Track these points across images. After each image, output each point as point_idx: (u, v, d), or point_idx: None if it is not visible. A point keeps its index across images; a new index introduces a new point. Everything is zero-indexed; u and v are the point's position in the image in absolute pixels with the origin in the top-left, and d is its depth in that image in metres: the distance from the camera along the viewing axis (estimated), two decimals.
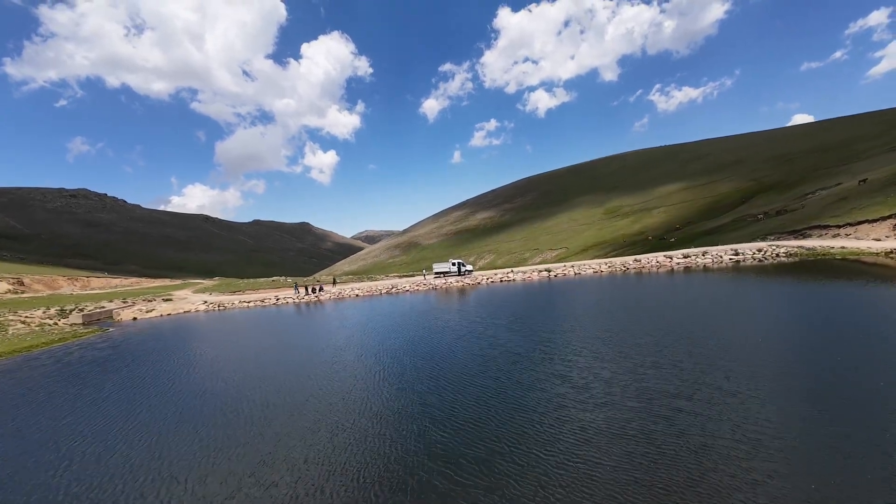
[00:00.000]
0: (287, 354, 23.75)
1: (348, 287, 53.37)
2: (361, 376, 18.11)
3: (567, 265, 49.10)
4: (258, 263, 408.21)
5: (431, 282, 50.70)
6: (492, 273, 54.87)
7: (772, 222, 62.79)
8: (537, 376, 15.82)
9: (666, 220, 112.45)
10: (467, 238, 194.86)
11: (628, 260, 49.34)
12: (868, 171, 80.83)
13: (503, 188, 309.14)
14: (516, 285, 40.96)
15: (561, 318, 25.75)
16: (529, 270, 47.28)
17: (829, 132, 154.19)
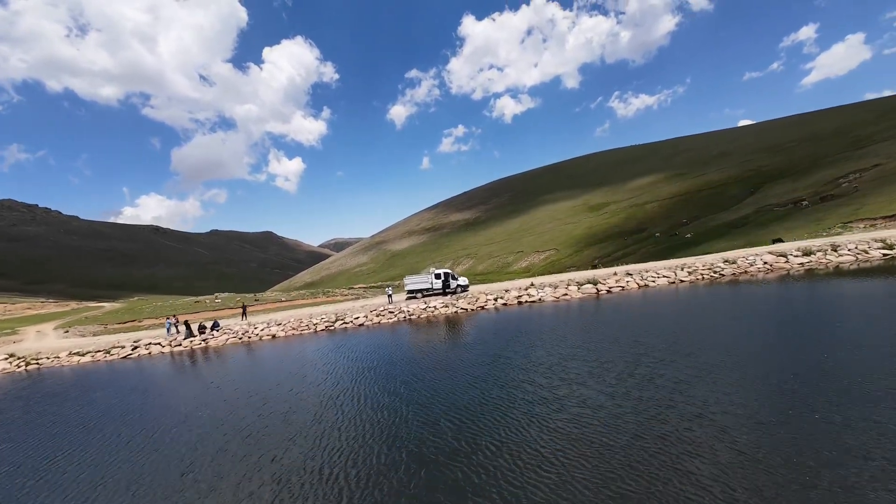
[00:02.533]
0: None
1: (264, 322, 32.47)
2: None
3: (621, 275, 32.49)
4: (213, 277, 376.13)
5: (403, 307, 31.64)
6: (497, 289, 33.94)
7: (829, 209, 50.40)
8: None
9: (662, 213, 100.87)
10: (442, 242, 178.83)
11: (714, 260, 33.17)
12: (881, 156, 71.47)
13: (476, 190, 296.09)
14: (552, 311, 25.00)
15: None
16: (560, 283, 30.56)
17: (813, 124, 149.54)
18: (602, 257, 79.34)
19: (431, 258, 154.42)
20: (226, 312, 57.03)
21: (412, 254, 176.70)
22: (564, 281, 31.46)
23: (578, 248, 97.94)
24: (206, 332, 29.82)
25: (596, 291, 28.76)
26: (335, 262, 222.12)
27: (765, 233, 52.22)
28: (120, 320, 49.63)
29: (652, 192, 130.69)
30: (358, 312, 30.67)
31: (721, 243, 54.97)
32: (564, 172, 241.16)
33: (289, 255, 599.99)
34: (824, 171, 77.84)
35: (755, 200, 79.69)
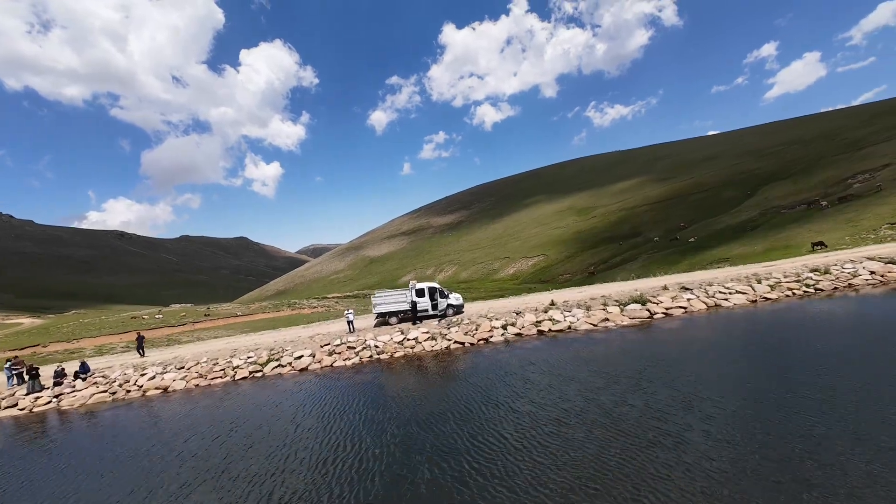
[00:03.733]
0: None
1: (162, 363, 22.46)
2: None
3: (673, 289, 23.89)
4: (180, 285, 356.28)
5: (370, 338, 21.97)
6: (503, 309, 24.51)
7: (858, 209, 45.18)
8: None
9: (655, 217, 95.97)
10: (423, 247, 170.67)
11: (796, 269, 25.55)
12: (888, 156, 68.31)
13: (458, 194, 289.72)
14: (596, 349, 16.63)
15: None
16: (592, 302, 21.23)
17: (793, 129, 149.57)
18: (598, 263, 73.07)
19: (412, 264, 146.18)
20: (162, 333, 47.43)
21: (392, 260, 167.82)
22: (596, 298, 23.41)
23: (570, 253, 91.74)
24: (63, 383, 20.06)
25: (648, 315, 20.32)
26: (310, 270, 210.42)
27: (785, 235, 46.63)
28: (17, 346, 39.47)
29: (640, 196, 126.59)
30: (303, 348, 21.40)
31: (736, 247, 49.16)
32: (547, 178, 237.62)
33: (264, 262, 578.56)
34: (826, 173, 74.14)
35: (756, 203, 75.22)
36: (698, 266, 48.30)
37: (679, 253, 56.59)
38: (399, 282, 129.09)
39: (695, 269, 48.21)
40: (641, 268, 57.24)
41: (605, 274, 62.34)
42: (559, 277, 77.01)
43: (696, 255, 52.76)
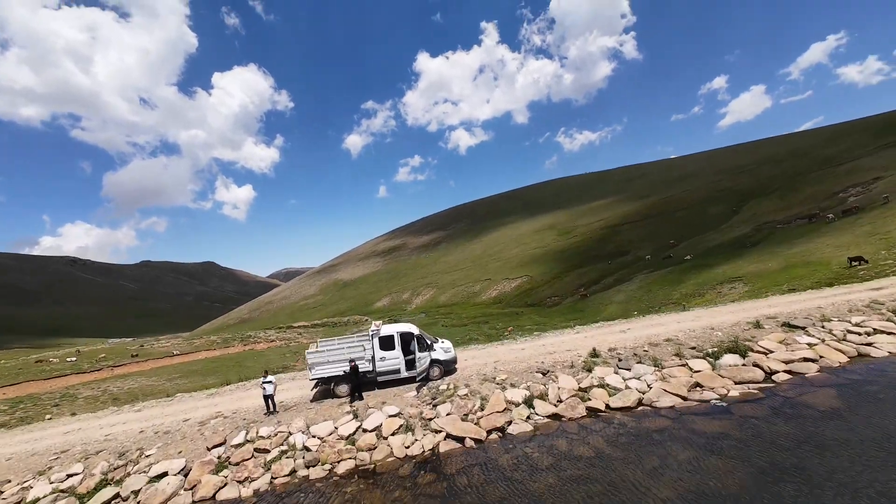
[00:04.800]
0: None
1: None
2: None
3: (775, 330, 16.78)
4: (138, 314, 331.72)
5: (297, 431, 13.28)
6: (516, 365, 16.98)
7: (876, 220, 41.44)
8: None
9: (640, 235, 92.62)
10: (399, 270, 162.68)
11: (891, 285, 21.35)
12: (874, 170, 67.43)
13: (434, 216, 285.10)
14: (707, 454, 9.52)
15: None
16: (661, 352, 16.16)
17: (761, 149, 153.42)
18: (589, 284, 67.64)
19: (387, 288, 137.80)
20: (70, 381, 37.74)
21: (365, 283, 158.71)
22: (659, 345, 16.59)
23: (555, 273, 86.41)
24: None
25: (763, 374, 13.14)
26: (278, 295, 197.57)
27: (800, 251, 42.31)
28: None
29: (619, 214, 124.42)
30: (175, 452, 12.79)
31: (745, 264, 44.50)
32: (524, 198, 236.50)
33: (232, 288, 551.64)
34: (812, 188, 72.56)
35: (745, 219, 72.51)
36: (707, 286, 43.23)
37: (680, 272, 51.68)
38: (373, 307, 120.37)
39: (704, 290, 43.07)
40: (640, 289, 51.94)
41: (600, 296, 56.74)
42: (547, 300, 71.03)
43: (700, 273, 47.85)
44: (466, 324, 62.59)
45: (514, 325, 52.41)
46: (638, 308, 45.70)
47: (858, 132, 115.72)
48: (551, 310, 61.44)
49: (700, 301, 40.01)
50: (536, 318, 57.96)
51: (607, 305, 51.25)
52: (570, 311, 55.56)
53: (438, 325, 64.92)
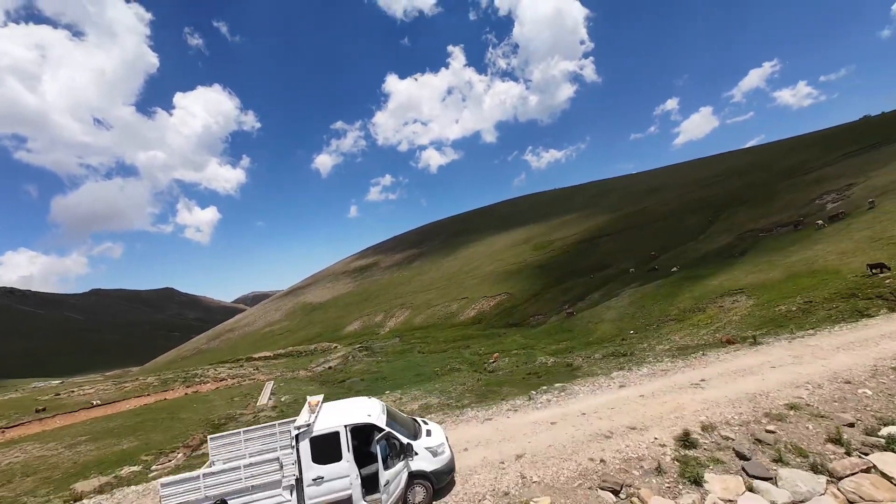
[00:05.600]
0: None
1: None
2: None
3: None
4: (85, 348, 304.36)
5: None
6: (545, 449, 11.49)
7: (873, 225, 39.60)
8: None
9: (619, 247, 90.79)
10: (371, 291, 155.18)
11: None
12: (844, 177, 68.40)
13: (407, 234, 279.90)
14: None
15: None
16: (787, 429, 10.70)
17: (723, 162, 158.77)
18: (574, 301, 63.86)
19: (359, 310, 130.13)
20: None
21: (335, 306, 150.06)
22: (796, 420, 11.13)
23: (535, 290, 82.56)
24: None
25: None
26: (241, 322, 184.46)
27: (799, 259, 39.89)
28: None
29: (594, 227, 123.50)
30: None
31: (741, 275, 41.68)
32: (497, 214, 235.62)
33: (193, 315, 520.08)
34: (787, 196, 72.75)
35: (724, 228, 71.54)
36: (706, 300, 39.89)
37: (671, 285, 48.52)
38: (343, 332, 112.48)
39: (704, 305, 39.65)
40: (631, 304, 48.29)
41: (588, 313, 52.76)
42: (530, 319, 66.63)
43: (694, 286, 44.74)
44: (445, 349, 57.00)
45: (499, 350, 47.34)
46: (633, 326, 41.81)
47: (807, 146, 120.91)
48: (536, 330, 56.93)
49: (703, 317, 36.48)
50: (521, 339, 53.21)
51: (598, 324, 47.18)
52: (557, 332, 51.14)
53: (414, 352, 58.99)
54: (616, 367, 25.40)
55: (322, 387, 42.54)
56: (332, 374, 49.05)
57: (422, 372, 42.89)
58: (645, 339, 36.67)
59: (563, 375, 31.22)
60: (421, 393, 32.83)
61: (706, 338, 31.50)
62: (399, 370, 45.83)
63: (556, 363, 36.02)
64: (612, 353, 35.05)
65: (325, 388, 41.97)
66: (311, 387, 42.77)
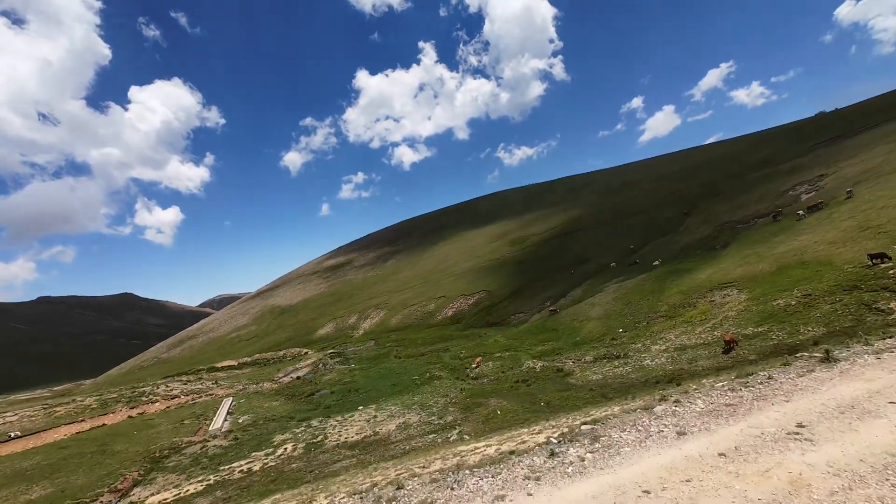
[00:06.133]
0: None
1: None
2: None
3: None
4: (33, 360, 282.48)
5: None
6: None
7: (855, 215, 38.92)
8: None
9: (596, 241, 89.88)
10: (344, 292, 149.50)
11: None
12: (816, 168, 69.60)
13: (382, 231, 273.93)
14: None
15: None
16: None
17: (693, 157, 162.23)
18: (555, 297, 61.79)
19: (332, 312, 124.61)
20: None
21: (307, 308, 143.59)
22: None
23: (514, 286, 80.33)
24: None
25: None
26: (206, 327, 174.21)
27: (785, 251, 38.86)
28: None
29: (571, 221, 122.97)
30: None
31: (731, 267, 40.37)
32: (472, 210, 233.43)
33: (156, 321, 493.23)
34: (761, 188, 73.34)
35: (702, 220, 71.39)
36: (695, 295, 38.24)
37: (656, 279, 46.95)
38: (315, 335, 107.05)
39: (694, 300, 37.90)
40: (617, 300, 46.38)
41: (572, 311, 50.61)
42: (510, 318, 64.16)
43: (681, 280, 43.22)
44: (423, 352, 53.62)
45: (481, 353, 44.39)
46: (622, 324, 39.75)
47: (774, 139, 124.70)
48: (518, 330, 54.40)
49: (694, 313, 34.71)
50: (503, 340, 50.52)
51: (584, 322, 45.01)
52: (541, 331, 48.70)
53: (390, 357, 55.30)
54: (647, 389, 22.02)
55: (288, 402, 38.28)
56: (301, 385, 44.71)
57: (399, 381, 39.35)
58: (637, 338, 34.56)
59: (557, 384, 28.45)
60: (399, 409, 29.28)
61: (703, 336, 29.55)
62: (374, 379, 42.09)
63: (544, 368, 33.33)
64: (604, 355, 32.70)
65: (291, 403, 37.74)
66: (276, 402, 38.43)
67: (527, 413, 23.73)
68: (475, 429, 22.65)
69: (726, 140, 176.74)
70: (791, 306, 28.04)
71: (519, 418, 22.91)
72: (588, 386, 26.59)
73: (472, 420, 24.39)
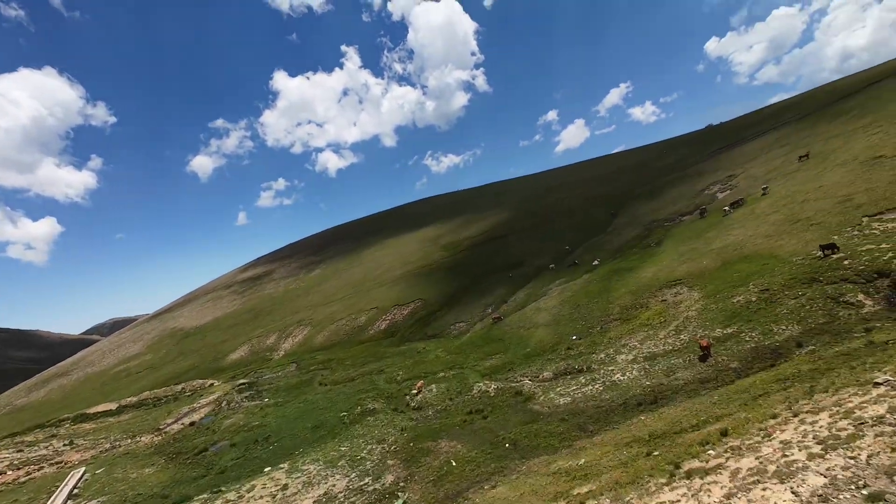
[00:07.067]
0: None
1: None
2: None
3: None
4: None
5: None
6: None
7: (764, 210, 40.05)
8: None
9: (529, 244, 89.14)
10: (262, 308, 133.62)
11: None
12: (722, 170, 75.50)
13: (306, 239, 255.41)
14: None
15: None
16: None
17: (606, 165, 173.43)
18: (496, 303, 58.11)
19: (247, 332, 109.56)
20: None
21: (217, 329, 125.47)
22: None
23: (452, 292, 75.77)
24: None
25: None
26: (83, 361, 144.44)
27: (724, 246, 38.78)
28: None
29: (503, 224, 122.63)
30: None
31: (675, 264, 39.44)
32: (403, 216, 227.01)
33: (25, 355, 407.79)
34: (676, 188, 77.56)
35: (629, 220, 73.26)
36: (645, 295, 36.32)
37: (600, 280, 45.10)
38: (226, 361, 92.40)
39: (645, 300, 35.76)
40: (564, 303, 43.55)
41: (517, 318, 46.95)
42: (451, 328, 59.15)
43: (625, 279, 41.57)
44: (354, 376, 46.14)
45: (422, 374, 38.45)
46: (574, 330, 36.57)
47: (678, 147, 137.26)
48: (461, 342, 49.48)
49: (650, 314, 32.42)
50: (445, 355, 45.14)
51: (531, 330, 41.35)
52: (486, 342, 44.19)
53: (314, 385, 46.94)
54: (630, 414, 17.02)
55: (168, 466, 28.67)
56: (192, 436, 34.78)
57: (323, 420, 31.80)
58: (595, 346, 31.25)
59: (520, 413, 23.47)
60: (320, 468, 22.07)
61: (671, 341, 26.79)
62: (291, 420, 33.91)
63: (499, 391, 28.39)
64: (564, 370, 28.68)
65: (171, 467, 28.20)
66: (150, 468, 28.60)
67: (490, 461, 18.35)
68: (425, 496, 16.63)
69: (638, 148, 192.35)
70: (752, 303, 26.37)
71: (482, 472, 17.46)
72: (557, 414, 22.05)
73: (420, 479, 18.39)
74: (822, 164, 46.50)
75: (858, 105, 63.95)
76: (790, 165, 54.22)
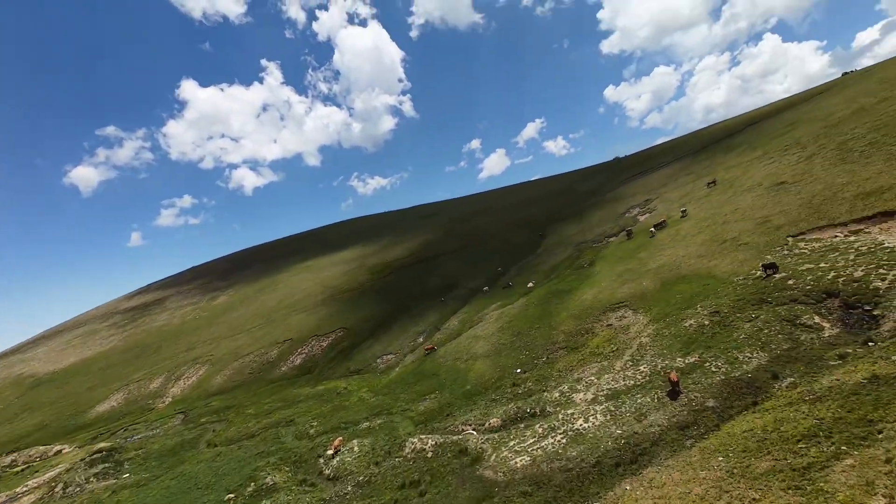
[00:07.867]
0: None
1: None
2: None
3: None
4: None
5: None
6: None
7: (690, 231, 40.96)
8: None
9: (458, 267, 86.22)
10: (150, 343, 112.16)
11: None
12: (639, 195, 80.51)
13: (214, 262, 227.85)
14: None
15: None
16: None
17: (535, 188, 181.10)
18: (429, 331, 52.82)
19: (124, 374, 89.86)
20: None
21: (85, 374, 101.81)
22: None
23: (378, 320, 68.85)
24: None
25: None
26: None
27: (660, 266, 38.29)
28: None
29: (431, 246, 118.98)
30: None
31: (611, 286, 37.95)
32: (324, 237, 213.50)
33: None
34: (599, 211, 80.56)
35: (557, 242, 73.75)
36: (590, 319, 33.87)
37: (539, 303, 42.40)
38: (90, 414, 73.70)
39: (590, 325, 33.24)
40: (502, 331, 39.78)
41: (452, 348, 42.06)
42: (377, 361, 52.30)
43: (565, 302, 39.25)
44: (255, 431, 37.08)
45: (340, 426, 31.35)
46: (517, 362, 32.62)
47: (594, 174, 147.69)
48: (389, 378, 43.09)
49: (599, 341, 29.68)
50: (370, 397, 38.44)
51: (469, 362, 36.69)
52: (418, 380, 38.47)
53: (201, 446, 36.86)
54: (609, 481, 13.02)
55: None
56: None
57: None
58: (545, 381, 27.39)
59: (468, 486, 18.10)
60: None
61: (630, 374, 23.73)
62: None
63: (439, 449, 22.80)
64: (514, 414, 24.15)
65: None
66: None
67: None
68: None
69: (558, 175, 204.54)
70: (706, 327, 24.59)
71: None
72: (516, 483, 17.19)
73: None
74: (731, 189, 49.90)
75: (746, 141, 72.34)
76: (700, 191, 58.16)
